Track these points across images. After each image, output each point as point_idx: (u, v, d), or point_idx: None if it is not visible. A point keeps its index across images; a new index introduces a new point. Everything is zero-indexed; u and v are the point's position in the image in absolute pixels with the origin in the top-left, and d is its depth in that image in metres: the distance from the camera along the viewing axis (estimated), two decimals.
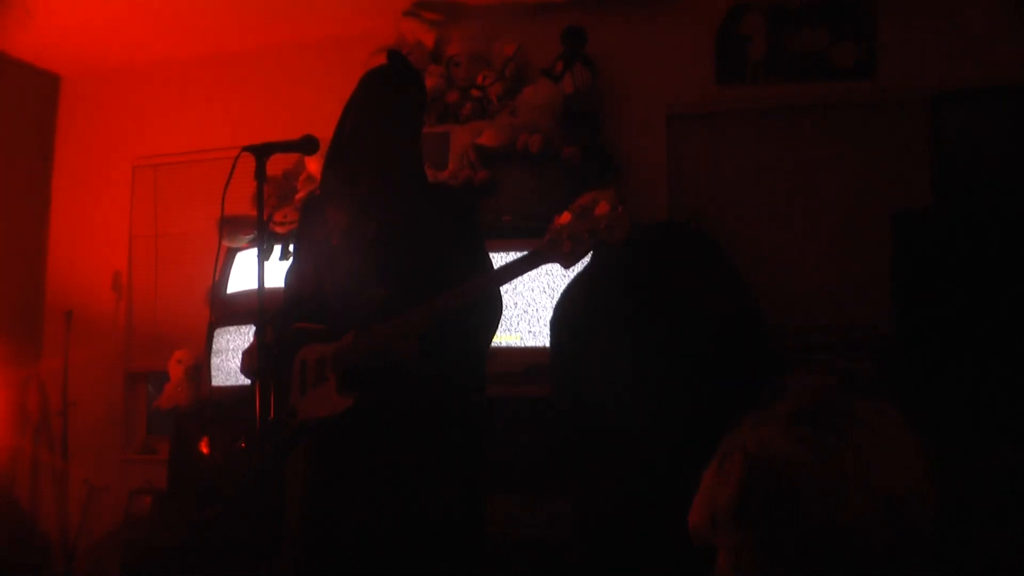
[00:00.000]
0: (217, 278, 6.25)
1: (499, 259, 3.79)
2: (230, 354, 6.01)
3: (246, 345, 3.82)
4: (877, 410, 1.57)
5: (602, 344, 4.82)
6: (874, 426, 1.54)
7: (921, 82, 5.82)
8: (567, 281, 5.07)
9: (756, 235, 6.07)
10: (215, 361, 6.10)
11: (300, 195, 6.21)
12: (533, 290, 5.35)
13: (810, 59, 6.11)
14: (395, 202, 3.60)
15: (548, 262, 3.31)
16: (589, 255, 3.28)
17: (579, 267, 3.48)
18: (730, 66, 6.28)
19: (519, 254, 3.39)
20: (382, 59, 3.89)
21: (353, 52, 6.34)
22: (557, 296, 5.15)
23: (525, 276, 3.51)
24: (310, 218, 3.86)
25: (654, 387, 4.58)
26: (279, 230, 5.96)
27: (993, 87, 5.61)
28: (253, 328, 3.48)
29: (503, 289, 3.64)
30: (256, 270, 3.29)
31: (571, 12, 6.35)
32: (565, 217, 3.22)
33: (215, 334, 6.13)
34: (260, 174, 3.32)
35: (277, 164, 5.76)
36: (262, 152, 3.33)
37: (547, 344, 5.14)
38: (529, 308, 5.34)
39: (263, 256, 3.33)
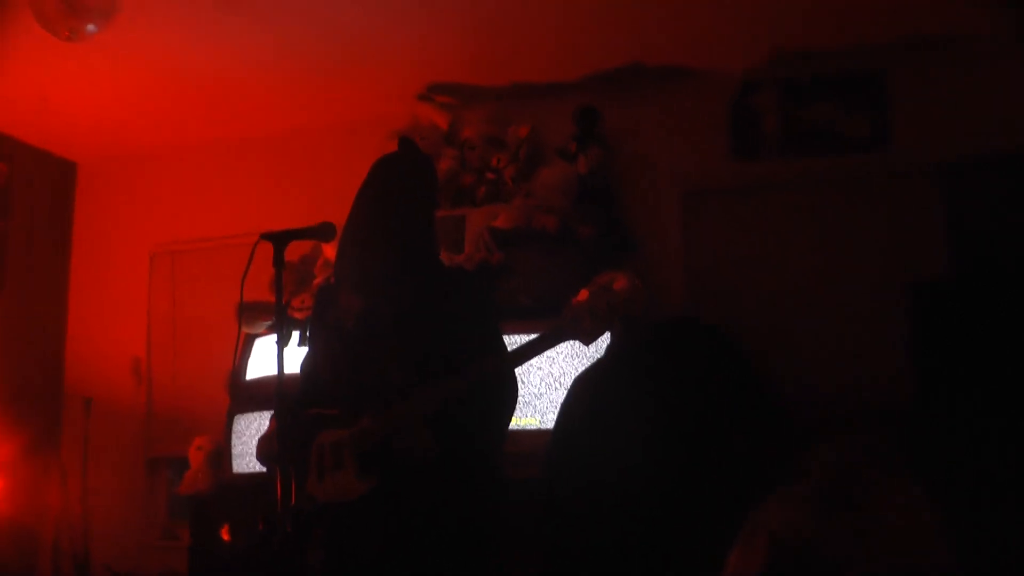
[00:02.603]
0: (236, 364, 6.26)
1: (517, 340, 3.78)
2: (250, 440, 6.00)
3: (264, 431, 3.81)
4: (899, 486, 1.56)
5: (611, 431, 4.79)
6: (896, 502, 1.53)
7: (935, 152, 5.84)
8: (588, 361, 5.06)
9: (774, 310, 6.05)
10: (235, 447, 6.09)
11: (318, 281, 6.23)
12: (550, 371, 5.32)
13: (823, 132, 6.13)
14: (409, 286, 3.61)
15: (568, 339, 3.31)
16: (608, 333, 3.29)
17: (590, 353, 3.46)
18: (744, 142, 6.30)
19: (537, 335, 3.39)
20: (396, 144, 3.92)
21: (369, 136, 6.38)
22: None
23: (545, 357, 3.50)
24: (324, 304, 3.86)
25: (661, 472, 4.56)
26: (297, 316, 5.98)
27: (1007, 155, 5.62)
28: (271, 414, 3.48)
29: (521, 370, 3.64)
30: (275, 356, 3.29)
31: (583, 91, 6.40)
32: (583, 294, 3.23)
33: (235, 420, 6.13)
34: (278, 261, 3.33)
35: (295, 250, 5.74)
36: (280, 239, 3.34)
37: None
38: (547, 390, 5.32)
39: (282, 342, 3.34)
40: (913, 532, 1.51)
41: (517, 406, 3.65)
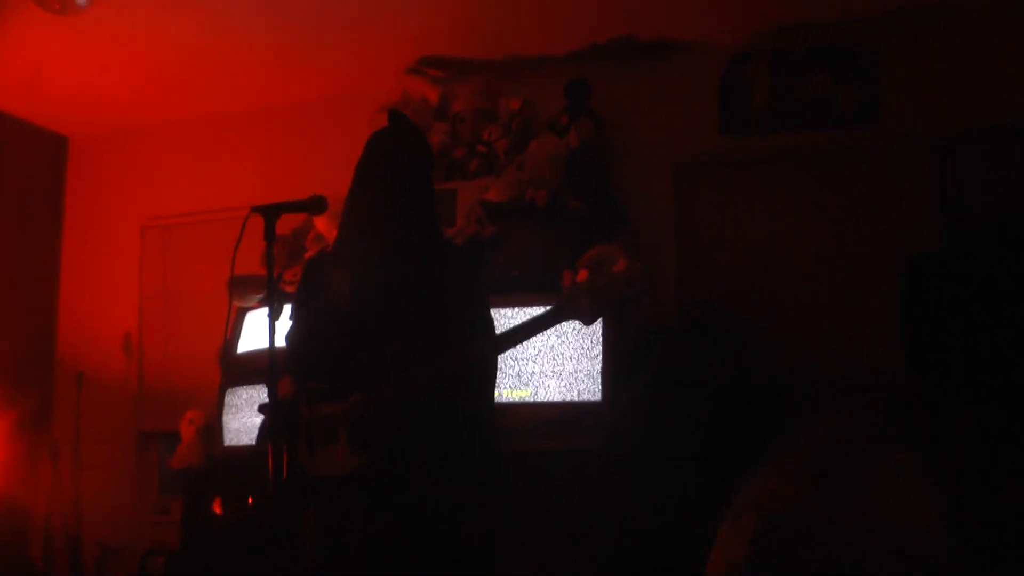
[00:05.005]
0: (228, 338, 6.25)
1: (509, 314, 3.78)
2: (241, 414, 6.00)
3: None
4: (889, 457, 1.55)
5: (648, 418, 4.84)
6: (887, 474, 1.52)
7: (926, 125, 5.83)
8: (580, 337, 5.07)
9: (766, 283, 6.05)
10: (227, 421, 6.09)
11: (309, 254, 6.22)
12: (541, 344, 5.32)
13: (814, 106, 6.11)
14: (402, 260, 3.61)
15: (568, 319, 3.32)
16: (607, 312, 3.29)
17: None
18: (734, 115, 6.28)
19: (528, 309, 3.40)
20: (385, 119, 3.91)
21: (358, 110, 6.38)
22: (571, 351, 5.14)
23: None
24: (315, 277, 3.86)
25: (682, 449, 4.60)
26: (289, 289, 5.96)
27: (998, 127, 5.62)
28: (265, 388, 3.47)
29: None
30: (266, 329, 3.29)
31: (574, 65, 6.37)
32: (582, 275, 3.23)
33: (226, 394, 6.13)
34: (269, 234, 3.33)
35: (286, 223, 5.74)
36: (271, 213, 3.33)
37: (560, 399, 5.12)
38: (538, 362, 5.31)
39: (273, 316, 3.33)
40: (902, 501, 1.50)
41: (502, 380, 3.66)
